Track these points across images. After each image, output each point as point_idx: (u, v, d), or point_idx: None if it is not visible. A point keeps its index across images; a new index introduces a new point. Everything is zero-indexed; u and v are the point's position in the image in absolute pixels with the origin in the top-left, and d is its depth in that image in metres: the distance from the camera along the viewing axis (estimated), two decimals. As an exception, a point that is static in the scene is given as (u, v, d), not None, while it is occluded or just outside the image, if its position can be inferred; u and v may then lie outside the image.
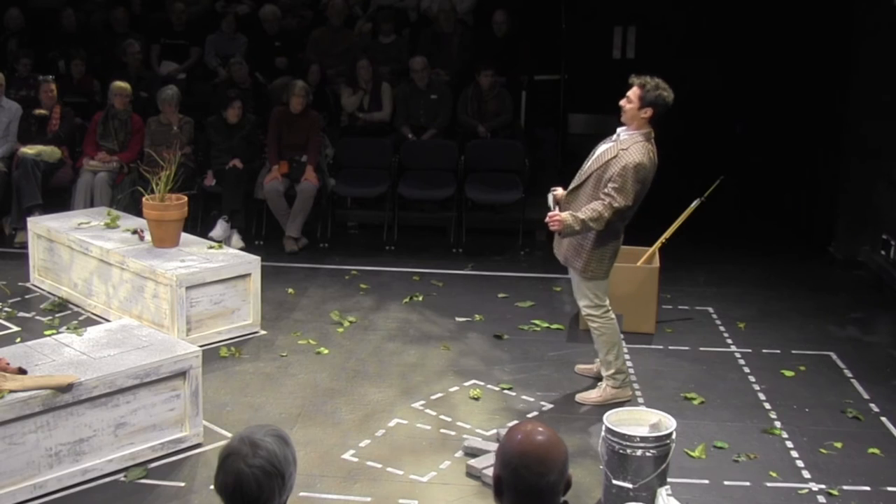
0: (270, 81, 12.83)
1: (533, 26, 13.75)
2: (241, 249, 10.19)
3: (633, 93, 7.32)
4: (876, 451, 7.05)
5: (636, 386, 7.97)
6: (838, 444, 7.10)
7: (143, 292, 8.67)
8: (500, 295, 9.99)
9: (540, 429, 3.70)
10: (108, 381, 6.45)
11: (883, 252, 10.62)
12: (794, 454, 6.99)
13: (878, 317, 9.84)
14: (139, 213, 9.62)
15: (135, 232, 9.37)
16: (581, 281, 7.60)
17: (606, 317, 7.61)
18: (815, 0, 12.32)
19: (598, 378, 7.88)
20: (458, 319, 9.27)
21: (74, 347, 6.81)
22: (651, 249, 9.03)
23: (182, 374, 6.81)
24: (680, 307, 9.68)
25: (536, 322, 9.24)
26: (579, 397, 7.74)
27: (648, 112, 7.28)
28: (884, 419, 7.54)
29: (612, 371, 7.67)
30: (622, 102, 7.37)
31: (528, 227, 11.77)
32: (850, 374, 8.27)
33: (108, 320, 8.63)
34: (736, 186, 7.64)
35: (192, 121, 11.71)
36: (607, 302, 7.64)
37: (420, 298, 9.84)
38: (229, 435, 6.85)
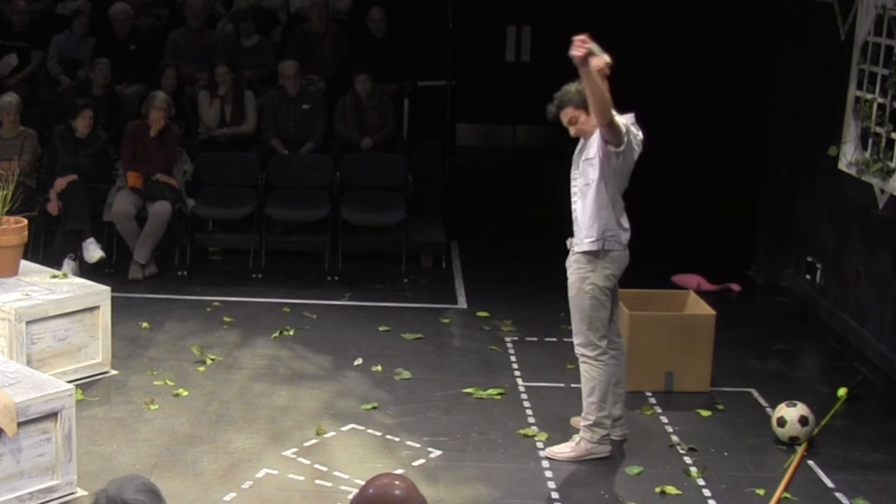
0: (123, 88, 12.75)
1: (416, 26, 13.82)
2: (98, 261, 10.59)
3: (568, 115, 7.34)
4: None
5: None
6: (760, 491, 7.20)
7: (-23, 328, 8.56)
8: (382, 328, 10.02)
9: (397, 482, 3.70)
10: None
11: (808, 276, 10.79)
12: (713, 503, 7.09)
13: (804, 349, 10.05)
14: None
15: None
16: (577, 298, 7.46)
17: (601, 361, 7.48)
18: (732, 3, 12.58)
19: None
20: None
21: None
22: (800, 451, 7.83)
23: (54, 415, 6.72)
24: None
25: (423, 358, 9.32)
26: (548, 451, 7.66)
27: None
28: (811, 463, 7.67)
29: (592, 420, 7.54)
30: (573, 133, 7.41)
31: (412, 251, 11.85)
32: (772, 413, 8.28)
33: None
34: (642, 201, 7.76)
35: (34, 133, 11.58)
36: (604, 344, 7.48)
37: (291, 332, 9.83)
38: (79, 491, 6.83)
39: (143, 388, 8.57)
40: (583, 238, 7.39)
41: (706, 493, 7.19)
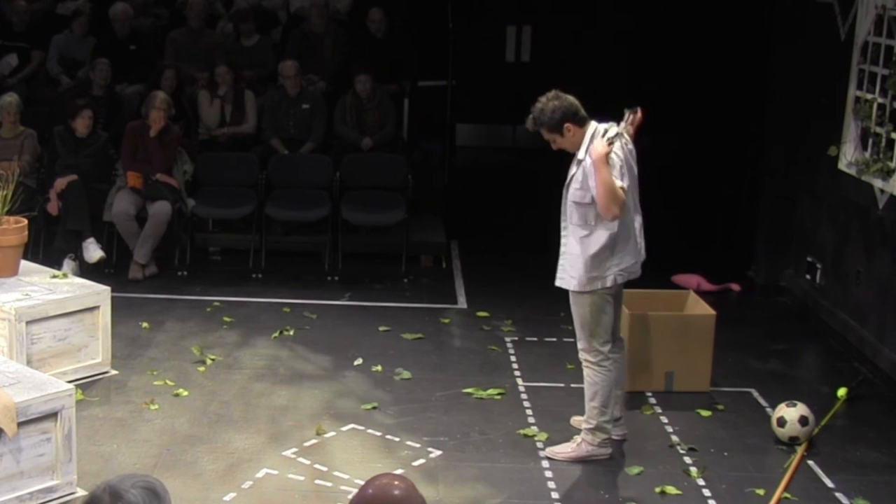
0: (123, 88, 12.74)
1: (416, 26, 13.81)
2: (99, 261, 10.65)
3: (545, 135, 7.31)
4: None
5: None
6: (760, 491, 7.20)
7: (-23, 328, 8.55)
8: (382, 328, 10.02)
9: (396, 482, 3.69)
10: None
11: (808, 276, 10.80)
12: (713, 503, 7.10)
13: (803, 348, 10.05)
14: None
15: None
16: (577, 306, 7.42)
17: (603, 366, 7.44)
18: (732, 3, 12.58)
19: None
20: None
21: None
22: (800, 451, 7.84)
23: (53, 415, 6.72)
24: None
25: (423, 358, 9.32)
26: (548, 451, 7.65)
27: (570, 129, 7.22)
28: (811, 463, 7.67)
29: (593, 424, 7.52)
30: (554, 147, 7.39)
31: (412, 251, 11.84)
32: (772, 413, 8.26)
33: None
34: (642, 202, 7.75)
35: (34, 133, 11.58)
36: (607, 350, 7.45)
37: (291, 332, 9.83)
38: (79, 491, 6.83)
39: (143, 388, 8.56)
40: (604, 273, 7.32)
41: (706, 493, 7.19)
